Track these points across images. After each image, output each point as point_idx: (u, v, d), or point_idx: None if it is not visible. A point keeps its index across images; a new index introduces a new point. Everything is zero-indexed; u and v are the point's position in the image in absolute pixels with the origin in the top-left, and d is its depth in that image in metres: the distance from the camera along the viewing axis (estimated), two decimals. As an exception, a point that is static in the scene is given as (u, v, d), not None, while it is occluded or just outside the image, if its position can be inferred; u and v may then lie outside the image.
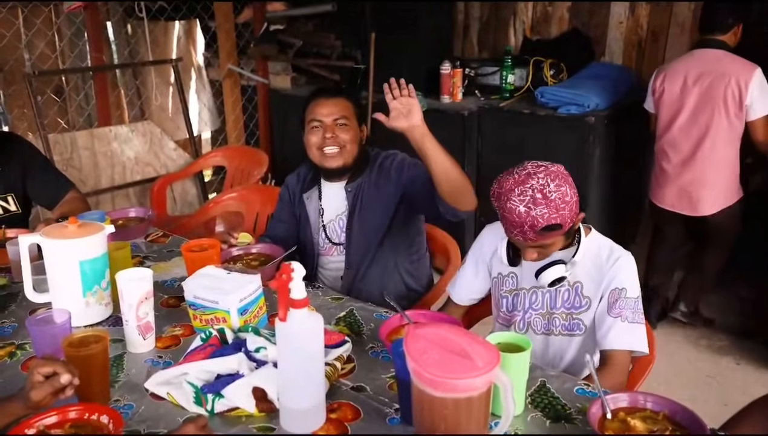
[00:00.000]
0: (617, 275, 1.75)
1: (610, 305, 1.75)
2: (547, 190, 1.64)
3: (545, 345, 1.89)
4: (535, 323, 1.89)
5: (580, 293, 1.81)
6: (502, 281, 1.94)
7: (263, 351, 1.47)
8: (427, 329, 1.20)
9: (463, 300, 2.04)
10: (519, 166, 1.72)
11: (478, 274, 2.00)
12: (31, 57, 4.11)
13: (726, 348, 3.39)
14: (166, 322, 1.79)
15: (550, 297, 1.85)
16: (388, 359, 1.59)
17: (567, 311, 1.84)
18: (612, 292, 1.75)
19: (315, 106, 2.22)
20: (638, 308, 1.75)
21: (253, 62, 4.89)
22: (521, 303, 1.90)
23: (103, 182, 4.03)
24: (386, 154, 2.28)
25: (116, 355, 1.62)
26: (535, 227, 1.64)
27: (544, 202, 1.63)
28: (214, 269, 1.78)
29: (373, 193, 2.22)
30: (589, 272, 1.80)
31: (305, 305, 1.28)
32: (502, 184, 1.70)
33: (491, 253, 1.95)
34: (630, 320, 1.73)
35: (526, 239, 1.68)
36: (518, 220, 1.65)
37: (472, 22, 4.66)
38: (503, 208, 1.68)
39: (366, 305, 1.89)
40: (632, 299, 1.74)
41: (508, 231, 1.72)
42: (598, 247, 1.82)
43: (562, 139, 3.64)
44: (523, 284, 1.89)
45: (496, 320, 2.00)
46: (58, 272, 1.73)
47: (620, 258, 1.77)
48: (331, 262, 2.32)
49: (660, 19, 3.98)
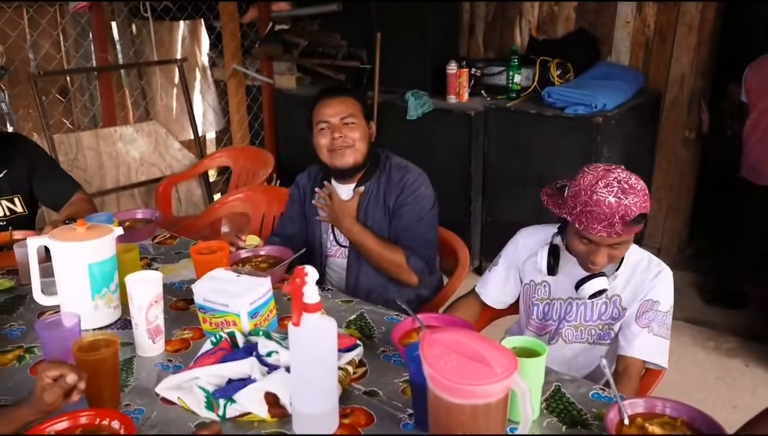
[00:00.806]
0: (655, 287, 1.75)
1: (639, 314, 1.74)
2: (631, 181, 1.60)
3: (574, 354, 1.88)
4: (567, 334, 1.87)
5: (618, 305, 1.80)
6: (535, 288, 1.91)
7: (275, 355, 1.46)
8: (443, 335, 1.19)
9: (491, 301, 2.01)
10: (585, 168, 1.66)
11: (509, 279, 1.97)
12: (36, 57, 4.10)
13: (734, 350, 3.37)
14: (176, 325, 1.77)
15: (585, 309, 1.83)
16: (400, 363, 1.58)
17: (604, 322, 1.82)
18: (645, 302, 1.75)
19: (321, 108, 2.21)
20: (666, 323, 1.74)
21: (258, 62, 4.87)
22: (556, 313, 1.87)
23: (108, 183, 4.02)
24: (398, 165, 2.26)
25: (126, 359, 1.60)
26: (627, 217, 1.56)
27: (633, 191, 1.58)
28: (224, 272, 1.76)
29: (379, 200, 2.22)
30: (627, 285, 1.78)
31: (319, 309, 1.27)
32: (579, 181, 1.63)
33: (525, 258, 1.92)
34: (656, 332, 1.73)
35: (612, 233, 1.58)
36: (609, 211, 1.56)
37: (477, 22, 4.64)
38: (588, 201, 1.59)
39: (376, 308, 1.87)
40: (663, 313, 1.74)
41: (590, 228, 1.60)
42: (638, 258, 1.80)
43: (569, 139, 3.62)
44: (557, 294, 1.86)
45: (526, 326, 1.97)
46: (67, 275, 1.71)
47: (662, 272, 1.76)
48: (338, 263, 2.31)
49: (667, 18, 3.95)
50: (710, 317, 3.66)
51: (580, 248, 1.69)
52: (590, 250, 1.67)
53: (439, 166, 3.78)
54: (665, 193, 4.19)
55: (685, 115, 4.02)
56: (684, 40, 3.92)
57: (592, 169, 1.64)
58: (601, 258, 1.66)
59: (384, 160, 2.28)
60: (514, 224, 2.14)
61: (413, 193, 2.19)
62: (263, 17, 4.78)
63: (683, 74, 3.96)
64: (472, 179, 3.98)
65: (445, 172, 3.82)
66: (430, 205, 2.22)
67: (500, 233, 3.98)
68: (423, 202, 2.20)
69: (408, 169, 2.24)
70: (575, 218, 1.63)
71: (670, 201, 4.21)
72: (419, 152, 3.67)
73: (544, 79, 3.98)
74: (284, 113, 4.86)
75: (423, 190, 2.21)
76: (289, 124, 4.83)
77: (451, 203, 3.56)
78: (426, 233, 2.21)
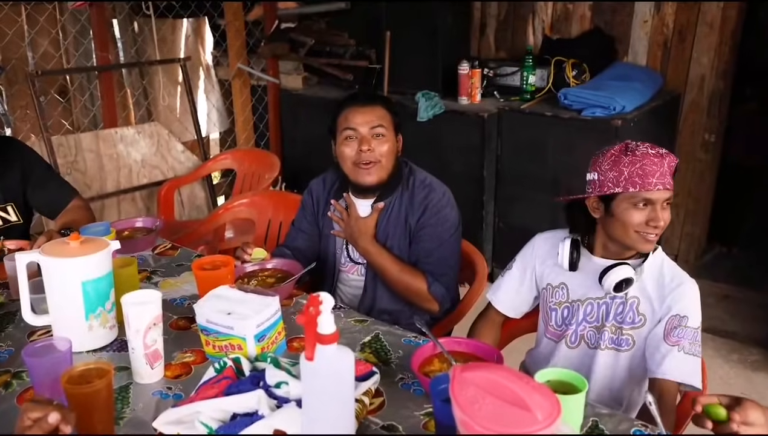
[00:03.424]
0: (680, 300, 1.65)
1: (667, 332, 1.64)
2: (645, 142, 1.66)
3: (592, 360, 1.77)
4: (589, 336, 1.78)
5: (635, 308, 1.71)
6: (552, 292, 1.83)
7: (284, 387, 1.32)
8: (475, 372, 1.05)
9: (506, 309, 1.93)
10: (599, 151, 1.72)
11: (524, 283, 1.90)
12: (35, 56, 3.99)
13: (759, 363, 3.24)
14: (176, 346, 1.64)
15: (606, 309, 1.75)
16: (420, 392, 1.45)
17: (617, 324, 1.73)
18: (672, 318, 1.64)
19: (349, 114, 2.04)
20: (697, 340, 1.63)
21: (263, 61, 4.76)
22: (574, 315, 1.79)
23: (108, 186, 3.90)
24: (422, 182, 2.11)
25: (121, 386, 1.47)
26: (671, 164, 1.62)
27: (657, 146, 1.64)
28: (228, 290, 1.64)
29: (400, 219, 2.08)
30: (648, 290, 1.70)
31: (335, 340, 1.14)
32: (608, 155, 1.67)
33: (543, 259, 1.86)
34: (687, 350, 1.61)
35: (665, 183, 1.61)
36: (657, 160, 1.60)
37: (489, 21, 4.50)
38: (634, 160, 1.61)
39: (393, 329, 1.74)
40: (692, 329, 1.63)
41: (647, 183, 1.60)
42: (662, 265, 1.72)
43: (586, 142, 3.47)
44: (576, 296, 1.79)
45: (543, 334, 1.88)
46: (59, 294, 1.58)
47: (684, 284, 1.67)
48: (352, 280, 2.18)
49: (687, 17, 3.81)
50: (732, 326, 3.53)
51: (638, 218, 1.64)
52: (650, 213, 1.64)
53: (450, 169, 3.66)
54: (683, 198, 4.05)
55: (705, 117, 3.88)
56: (704, 39, 3.78)
57: (607, 147, 1.70)
58: (664, 216, 1.64)
59: (407, 175, 2.13)
60: (527, 229, 2.08)
61: (437, 214, 2.05)
62: (269, 15, 4.66)
63: (703, 75, 3.83)
64: (485, 183, 3.85)
65: (457, 176, 3.67)
66: (454, 227, 2.09)
67: (513, 239, 3.90)
68: (446, 225, 2.06)
69: (432, 187, 2.09)
70: (628, 182, 1.61)
71: (688, 206, 4.07)
72: (430, 155, 3.56)
73: (559, 80, 3.85)
74: (290, 114, 4.75)
75: (447, 212, 2.07)
76: (295, 125, 4.72)
77: (462, 208, 3.40)
78: (449, 257, 2.08)
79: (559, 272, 1.82)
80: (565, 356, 1.82)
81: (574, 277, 1.79)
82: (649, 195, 1.61)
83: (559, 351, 1.83)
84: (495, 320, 1.97)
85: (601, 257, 1.76)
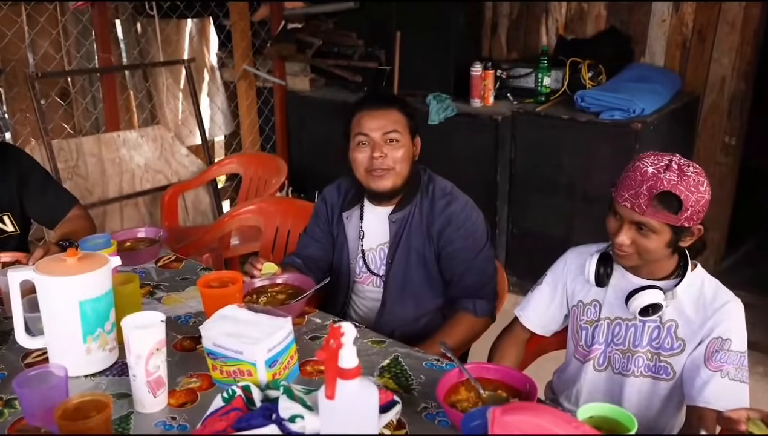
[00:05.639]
0: (723, 321, 1.52)
1: (708, 355, 1.51)
2: (685, 168, 1.47)
3: (622, 387, 1.66)
4: (615, 359, 1.67)
5: (673, 333, 1.59)
6: (583, 309, 1.72)
7: (300, 421, 1.21)
8: (516, 417, 0.94)
9: (535, 327, 1.82)
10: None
11: (554, 299, 1.79)
12: (35, 57, 3.87)
13: (788, 377, 3.12)
14: (181, 370, 1.53)
15: (635, 332, 1.63)
16: (446, 423, 1.33)
17: (654, 350, 1.61)
18: (713, 341, 1.52)
19: (362, 118, 1.95)
20: (743, 365, 1.52)
21: (269, 63, 4.67)
22: (602, 335, 1.68)
23: (110, 191, 3.80)
24: (443, 190, 2.00)
25: (121, 416, 1.36)
26: (654, 189, 1.44)
27: (678, 172, 1.45)
28: (237, 310, 1.52)
29: (422, 228, 1.97)
30: (687, 312, 1.57)
31: (357, 375, 1.02)
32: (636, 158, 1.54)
33: (575, 274, 1.75)
34: (732, 376, 1.49)
35: (635, 205, 1.47)
36: (640, 178, 1.47)
37: (501, 20, 4.39)
38: (629, 168, 1.52)
39: (413, 351, 1.62)
40: (737, 353, 1.51)
41: (619, 196, 1.52)
42: (702, 284, 1.59)
43: (604, 146, 3.38)
44: (606, 314, 1.68)
45: (573, 354, 1.77)
46: (55, 315, 1.47)
47: (728, 303, 1.54)
48: (368, 291, 2.07)
49: (707, 16, 3.69)
50: (753, 336, 3.38)
51: (611, 227, 1.58)
52: (616, 227, 1.55)
53: (462, 173, 3.49)
54: (703, 203, 3.92)
55: (725, 120, 3.76)
56: (725, 39, 3.66)
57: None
58: (625, 234, 1.52)
59: (426, 181, 2.02)
60: (541, 236, 1.97)
61: (463, 225, 1.94)
62: (275, 15, 4.57)
63: (724, 76, 3.71)
64: (498, 188, 3.73)
65: (469, 181, 3.50)
66: (485, 233, 1.99)
67: (527, 246, 3.82)
68: (477, 233, 1.96)
69: (453, 196, 1.99)
70: (614, 188, 1.55)
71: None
72: (441, 160, 3.42)
73: (574, 82, 3.74)
74: (297, 117, 4.65)
75: (474, 220, 1.96)
76: (302, 128, 4.62)
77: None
78: (487, 266, 1.98)
79: (591, 289, 1.71)
80: (591, 380, 1.72)
81: (608, 294, 1.68)
82: (618, 208, 1.54)
83: (585, 374, 1.72)
84: (520, 337, 1.86)
85: (635, 274, 1.65)
